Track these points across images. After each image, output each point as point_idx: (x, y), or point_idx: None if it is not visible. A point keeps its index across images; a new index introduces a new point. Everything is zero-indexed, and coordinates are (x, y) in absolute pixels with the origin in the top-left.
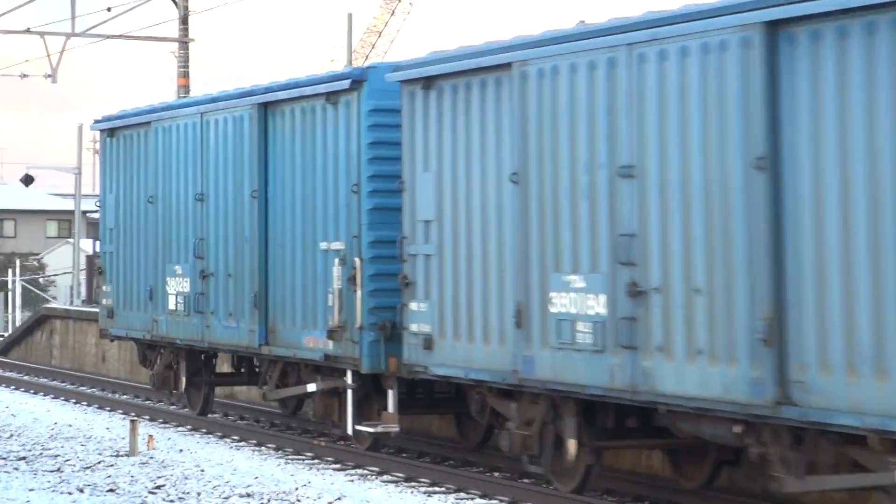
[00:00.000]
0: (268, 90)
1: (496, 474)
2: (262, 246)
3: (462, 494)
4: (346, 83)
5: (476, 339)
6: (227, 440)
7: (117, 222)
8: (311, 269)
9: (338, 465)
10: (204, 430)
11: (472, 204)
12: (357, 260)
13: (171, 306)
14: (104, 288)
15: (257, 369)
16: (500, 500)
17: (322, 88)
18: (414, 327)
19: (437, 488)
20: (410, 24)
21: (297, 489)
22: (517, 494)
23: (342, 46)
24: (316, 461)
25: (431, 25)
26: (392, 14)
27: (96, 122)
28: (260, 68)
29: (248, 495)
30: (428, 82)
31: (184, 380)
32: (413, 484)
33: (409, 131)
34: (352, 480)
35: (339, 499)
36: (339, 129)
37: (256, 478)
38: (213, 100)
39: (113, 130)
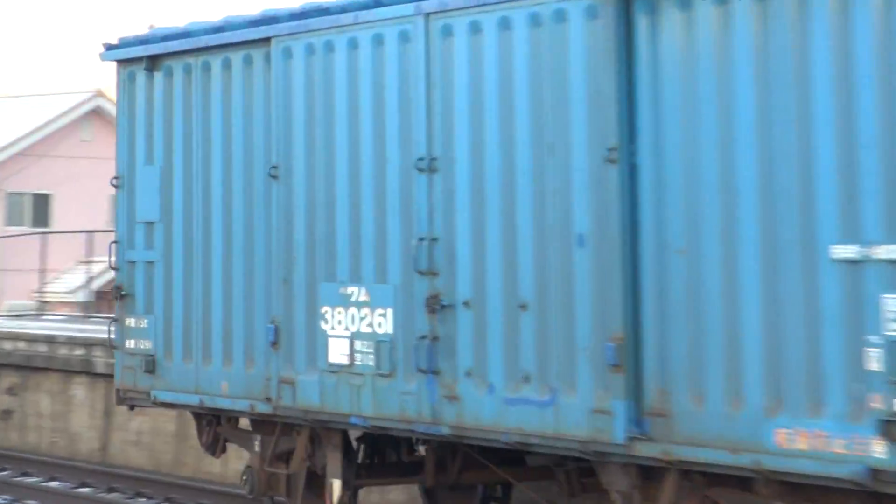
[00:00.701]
0: None
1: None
2: (628, 252)
3: None
4: None
5: None
6: None
7: (167, 212)
8: (790, 297)
9: None
10: None
11: None
12: None
13: (339, 359)
14: (129, 321)
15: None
16: None
17: None
18: None
19: None
20: None
21: None
22: None
23: None
24: None
25: None
26: None
27: (112, 47)
28: None
29: None
30: None
31: (337, 486)
32: None
33: None
34: None
35: None
36: None
37: None
38: None
39: (156, 59)
